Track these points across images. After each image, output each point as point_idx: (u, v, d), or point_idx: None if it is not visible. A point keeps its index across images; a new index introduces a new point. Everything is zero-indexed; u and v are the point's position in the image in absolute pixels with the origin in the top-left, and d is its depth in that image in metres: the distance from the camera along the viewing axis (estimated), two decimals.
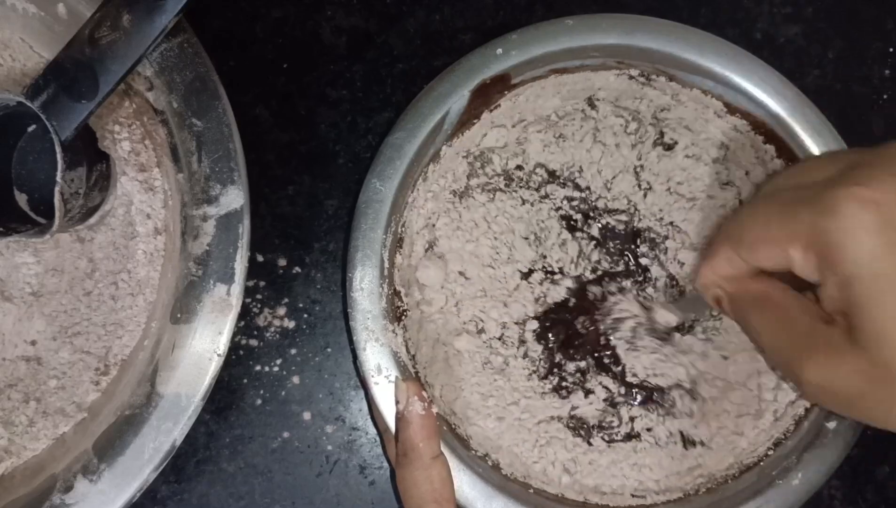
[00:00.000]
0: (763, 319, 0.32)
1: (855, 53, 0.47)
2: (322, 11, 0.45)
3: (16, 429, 0.38)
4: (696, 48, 0.41)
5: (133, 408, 0.36)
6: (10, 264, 0.39)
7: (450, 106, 0.40)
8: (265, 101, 0.44)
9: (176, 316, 0.37)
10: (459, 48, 0.45)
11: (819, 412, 0.40)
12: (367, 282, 0.38)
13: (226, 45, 0.44)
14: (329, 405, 0.43)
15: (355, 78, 0.45)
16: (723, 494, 0.40)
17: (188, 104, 0.37)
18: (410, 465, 0.36)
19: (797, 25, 0.47)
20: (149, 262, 0.39)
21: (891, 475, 0.44)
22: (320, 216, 0.44)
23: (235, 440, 0.42)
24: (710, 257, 0.34)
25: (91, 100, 0.33)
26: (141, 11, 0.33)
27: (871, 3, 0.47)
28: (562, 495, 0.40)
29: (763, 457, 0.40)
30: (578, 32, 0.41)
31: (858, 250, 0.26)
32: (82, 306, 0.39)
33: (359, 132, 0.44)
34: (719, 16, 0.46)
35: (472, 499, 0.37)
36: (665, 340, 0.41)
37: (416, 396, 0.37)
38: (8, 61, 0.39)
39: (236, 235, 0.37)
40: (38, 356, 0.39)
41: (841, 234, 0.27)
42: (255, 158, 0.42)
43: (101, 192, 0.38)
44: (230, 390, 0.42)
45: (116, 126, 0.39)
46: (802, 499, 0.39)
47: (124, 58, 0.33)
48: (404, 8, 0.45)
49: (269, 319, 0.43)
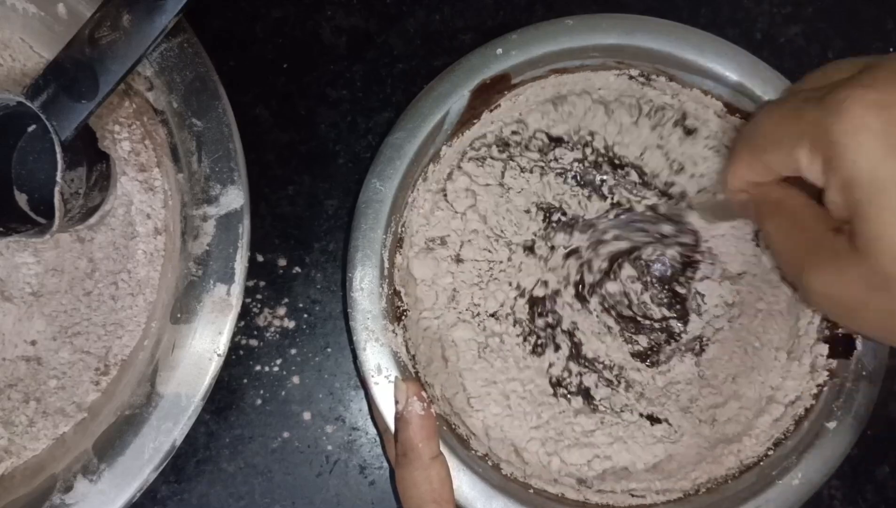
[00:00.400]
0: (777, 225, 0.31)
1: (855, 53, 0.47)
2: (322, 11, 0.45)
3: (16, 429, 0.38)
4: (696, 48, 0.41)
5: (133, 408, 0.36)
6: (10, 264, 0.39)
7: (450, 106, 0.40)
8: (265, 101, 0.44)
9: (176, 316, 0.37)
10: (459, 48, 0.45)
11: (819, 412, 0.40)
12: (367, 282, 0.38)
13: (226, 45, 0.44)
14: (329, 405, 0.43)
15: (355, 78, 0.45)
16: (723, 494, 0.40)
17: (188, 104, 0.37)
18: (410, 465, 0.36)
19: (797, 25, 0.47)
20: (149, 262, 0.39)
21: (891, 475, 0.44)
22: (320, 216, 0.44)
23: (235, 440, 0.42)
24: (731, 161, 0.33)
25: (91, 100, 0.33)
26: (141, 11, 0.33)
27: (871, 3, 0.47)
28: (562, 495, 0.40)
29: (763, 457, 0.40)
30: (578, 32, 0.41)
31: (859, 152, 0.26)
32: (82, 306, 0.39)
33: (359, 132, 0.44)
34: (719, 16, 0.46)
35: (471, 499, 0.37)
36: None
37: (416, 396, 0.37)
38: (8, 61, 0.39)
39: (236, 235, 0.37)
40: (38, 356, 0.39)
41: (843, 135, 0.26)
42: (255, 158, 0.42)
43: (101, 192, 0.38)
44: (230, 390, 0.42)
45: (116, 126, 0.39)
46: (802, 499, 0.39)
47: (124, 58, 0.33)
48: (404, 8, 0.45)
49: (269, 319, 0.43)
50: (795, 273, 0.30)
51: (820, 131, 0.27)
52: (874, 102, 0.26)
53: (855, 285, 0.27)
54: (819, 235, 0.29)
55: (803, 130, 0.28)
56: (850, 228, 0.27)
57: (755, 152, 0.31)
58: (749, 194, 0.33)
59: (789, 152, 0.29)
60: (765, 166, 0.31)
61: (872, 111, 0.26)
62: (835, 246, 0.28)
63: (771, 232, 0.32)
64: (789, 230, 0.31)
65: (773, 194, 0.32)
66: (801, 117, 0.29)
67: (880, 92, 0.26)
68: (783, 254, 0.31)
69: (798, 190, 0.31)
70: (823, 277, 0.28)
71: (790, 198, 0.31)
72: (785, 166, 0.30)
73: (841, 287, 0.27)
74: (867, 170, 0.26)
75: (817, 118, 0.28)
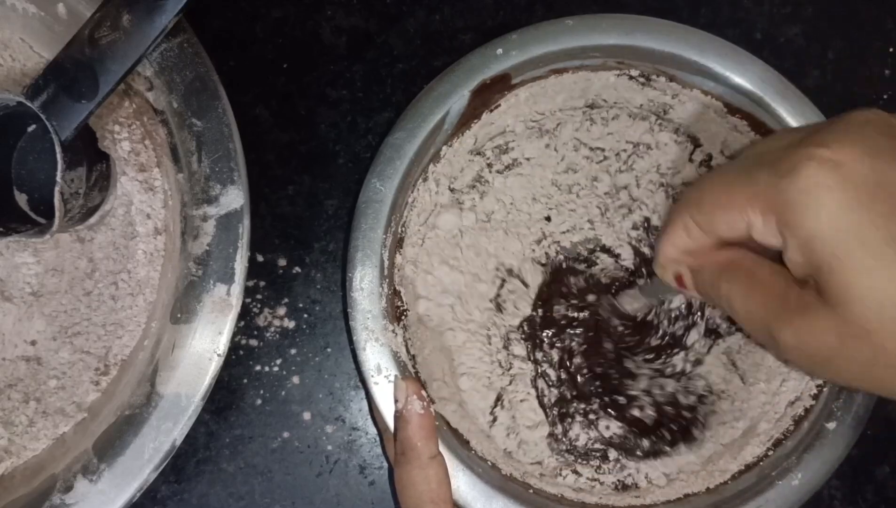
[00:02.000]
0: (734, 287, 0.31)
1: (855, 53, 0.47)
2: (322, 11, 0.45)
3: (16, 429, 0.38)
4: (696, 48, 0.41)
5: (133, 408, 0.36)
6: (10, 264, 0.39)
7: (450, 106, 0.40)
8: (265, 101, 0.44)
9: (176, 316, 0.37)
10: (459, 48, 0.45)
11: (819, 412, 0.40)
12: (367, 282, 0.38)
13: (226, 45, 0.44)
14: (329, 405, 0.43)
15: (355, 78, 0.45)
16: (723, 494, 0.40)
17: (188, 104, 0.37)
18: (408, 464, 0.36)
19: (797, 25, 0.47)
20: (149, 262, 0.39)
21: (891, 475, 0.44)
22: (320, 216, 0.44)
23: (235, 440, 0.42)
24: (667, 229, 0.33)
25: (91, 100, 0.33)
26: (141, 11, 0.33)
27: (871, 3, 0.47)
28: (562, 495, 0.40)
29: (763, 457, 0.40)
30: (578, 32, 0.41)
31: (818, 210, 0.26)
32: (82, 306, 0.39)
33: (359, 132, 0.44)
34: (719, 16, 0.46)
35: (471, 499, 0.37)
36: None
37: (416, 395, 0.37)
38: (8, 61, 0.39)
39: (236, 235, 0.37)
40: (38, 356, 0.39)
41: (800, 194, 0.26)
42: (255, 158, 0.42)
43: (101, 192, 0.38)
44: (230, 390, 0.42)
45: (116, 126, 0.39)
46: (802, 499, 0.39)
47: (124, 58, 0.33)
48: (404, 8, 0.45)
49: (269, 319, 0.43)
50: (763, 332, 0.29)
51: (774, 193, 0.27)
52: (827, 159, 0.26)
53: (828, 336, 0.27)
54: (783, 290, 0.29)
55: (755, 191, 0.28)
56: (817, 283, 0.27)
57: (697, 215, 0.31)
58: (686, 265, 0.33)
59: (739, 216, 0.29)
60: (708, 233, 0.31)
61: (826, 169, 0.26)
62: (802, 300, 0.28)
63: (728, 295, 0.31)
64: (750, 289, 0.30)
65: (720, 257, 0.31)
66: (753, 179, 0.29)
67: (833, 151, 0.26)
68: (748, 314, 0.30)
69: (745, 250, 0.31)
70: (796, 332, 0.28)
71: (743, 258, 0.31)
72: (732, 230, 0.30)
73: (814, 340, 0.27)
74: (827, 225, 0.26)
75: (770, 181, 0.28)
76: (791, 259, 0.28)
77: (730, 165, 0.32)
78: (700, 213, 0.31)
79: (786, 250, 0.28)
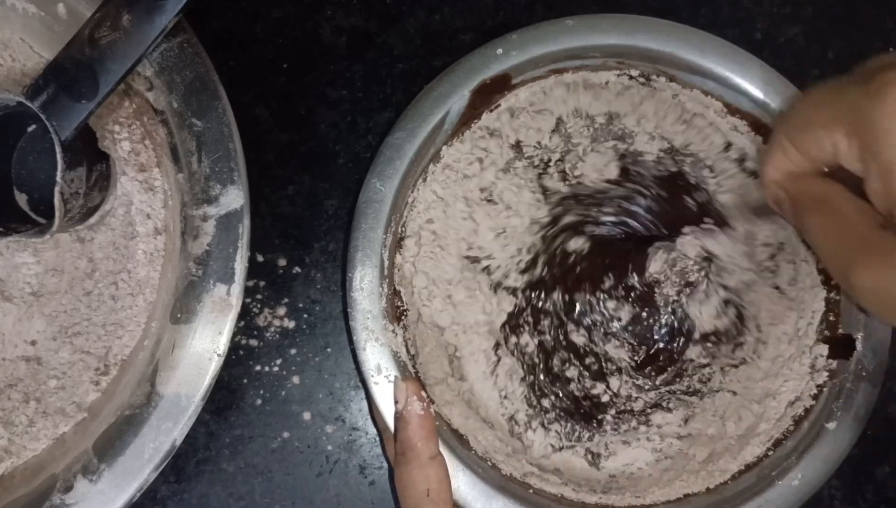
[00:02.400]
0: (820, 221, 0.30)
1: (855, 53, 0.47)
2: (322, 11, 0.45)
3: (16, 429, 0.38)
4: (696, 48, 0.41)
5: (133, 408, 0.36)
6: (10, 264, 0.39)
7: (450, 106, 0.40)
8: (265, 101, 0.44)
9: (176, 316, 0.37)
10: (459, 48, 0.45)
11: (819, 412, 0.40)
12: (367, 282, 0.38)
13: (226, 45, 0.44)
14: (329, 405, 0.43)
15: (355, 78, 0.45)
16: (723, 494, 0.40)
17: (188, 104, 0.37)
18: (408, 464, 0.36)
19: (797, 25, 0.47)
20: (149, 262, 0.39)
21: (891, 475, 0.44)
22: (320, 216, 0.44)
23: (235, 440, 0.42)
24: (768, 149, 0.32)
25: (91, 100, 0.33)
26: (141, 11, 0.33)
27: (871, 3, 0.47)
28: (562, 495, 0.40)
29: (763, 457, 0.40)
30: (578, 32, 0.41)
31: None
32: (82, 306, 0.39)
33: (359, 132, 0.44)
34: (719, 16, 0.46)
35: (471, 499, 0.37)
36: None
37: (416, 395, 0.37)
38: (8, 61, 0.39)
39: (236, 235, 0.37)
40: (38, 356, 0.39)
41: (884, 117, 0.25)
42: (255, 158, 0.42)
43: (101, 192, 0.38)
44: (230, 390, 0.42)
45: (116, 126, 0.39)
46: (802, 499, 0.39)
47: (124, 58, 0.33)
48: (404, 8, 0.45)
49: (269, 319, 0.43)
50: (841, 271, 0.28)
51: (859, 114, 0.26)
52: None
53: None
54: (865, 231, 0.28)
55: (842, 112, 0.27)
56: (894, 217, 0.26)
57: (793, 136, 0.30)
58: (785, 190, 0.32)
59: (826, 136, 0.28)
60: (802, 154, 0.30)
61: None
62: (883, 242, 0.27)
63: (812, 230, 0.30)
64: (832, 227, 0.29)
65: (813, 190, 0.31)
66: (841, 100, 0.28)
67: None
68: (827, 252, 0.30)
69: (840, 185, 0.30)
70: (872, 274, 0.27)
71: (832, 193, 0.30)
72: (822, 152, 0.29)
73: (891, 284, 0.26)
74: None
75: (857, 101, 0.27)
76: (871, 188, 0.27)
77: (830, 83, 0.30)
78: (792, 131, 0.30)
79: (867, 178, 0.27)
